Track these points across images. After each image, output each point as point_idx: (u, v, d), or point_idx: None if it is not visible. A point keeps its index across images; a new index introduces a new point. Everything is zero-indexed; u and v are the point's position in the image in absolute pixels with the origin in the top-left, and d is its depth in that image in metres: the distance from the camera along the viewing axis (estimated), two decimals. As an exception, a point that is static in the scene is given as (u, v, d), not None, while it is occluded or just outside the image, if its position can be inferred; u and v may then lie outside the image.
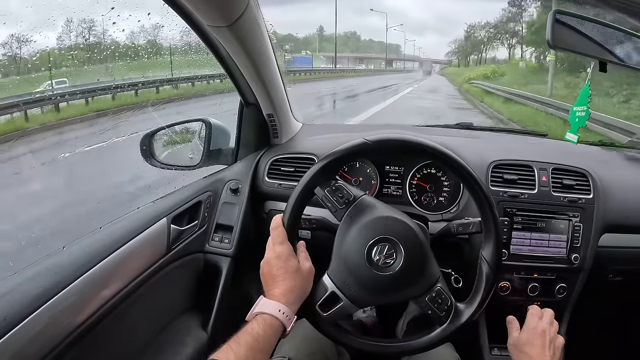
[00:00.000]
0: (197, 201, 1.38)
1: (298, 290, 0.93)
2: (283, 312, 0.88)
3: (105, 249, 1.05)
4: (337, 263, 0.98)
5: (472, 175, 0.99)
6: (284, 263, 0.93)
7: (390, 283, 0.95)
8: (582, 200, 1.34)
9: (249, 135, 1.56)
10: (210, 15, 1.03)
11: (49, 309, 0.87)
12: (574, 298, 1.40)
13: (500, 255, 1.00)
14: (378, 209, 1.00)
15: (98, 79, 6.91)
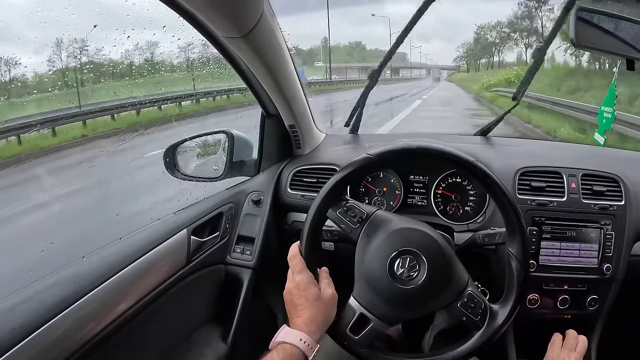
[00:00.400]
0: (218, 212, 1.38)
1: (320, 319, 0.92)
2: (305, 341, 0.87)
3: (125, 259, 1.06)
4: (361, 283, 0.97)
5: (487, 172, 0.97)
6: (304, 292, 0.93)
7: (418, 295, 0.93)
8: (614, 207, 1.28)
9: (271, 147, 1.56)
10: (224, 27, 1.04)
11: (65, 318, 0.88)
12: (605, 310, 1.33)
13: (527, 249, 0.97)
14: (394, 222, 0.99)
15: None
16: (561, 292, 1.31)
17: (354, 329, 0.95)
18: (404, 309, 0.95)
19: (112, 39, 3.56)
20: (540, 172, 1.35)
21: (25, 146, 4.84)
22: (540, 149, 1.63)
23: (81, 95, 6.25)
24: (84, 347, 0.90)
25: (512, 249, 0.98)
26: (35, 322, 0.83)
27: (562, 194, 1.31)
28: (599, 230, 1.28)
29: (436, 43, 58.49)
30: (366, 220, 0.99)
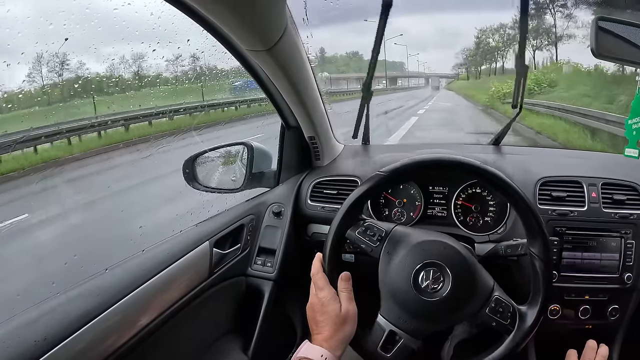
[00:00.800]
0: (239, 225, 1.39)
1: (341, 335, 0.94)
2: (326, 357, 0.89)
3: (147, 272, 1.06)
4: (387, 300, 0.98)
5: (504, 179, 0.98)
6: (326, 308, 0.95)
7: (444, 307, 0.94)
8: (634, 216, 1.28)
9: (291, 158, 1.57)
10: (249, 40, 1.05)
11: (89, 331, 0.88)
12: (627, 320, 1.32)
13: (549, 248, 0.97)
14: (413, 236, 1.00)
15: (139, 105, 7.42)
16: (582, 303, 1.30)
17: (385, 347, 0.95)
18: (431, 322, 0.96)
19: (137, 52, 3.61)
20: (561, 181, 1.34)
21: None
22: (558, 158, 1.63)
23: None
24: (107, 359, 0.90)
25: (534, 249, 0.98)
26: (59, 334, 0.84)
27: (582, 203, 1.30)
28: (620, 240, 1.27)
29: (434, 52, 57.84)
30: (385, 237, 1.00)
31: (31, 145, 4.74)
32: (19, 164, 4.55)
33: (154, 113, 7.05)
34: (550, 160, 1.55)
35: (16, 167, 4.47)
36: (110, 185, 5.13)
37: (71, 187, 5.40)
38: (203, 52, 1.45)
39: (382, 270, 0.98)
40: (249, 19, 0.95)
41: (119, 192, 5.12)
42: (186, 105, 7.76)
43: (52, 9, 1.36)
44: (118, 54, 7.90)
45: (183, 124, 7.39)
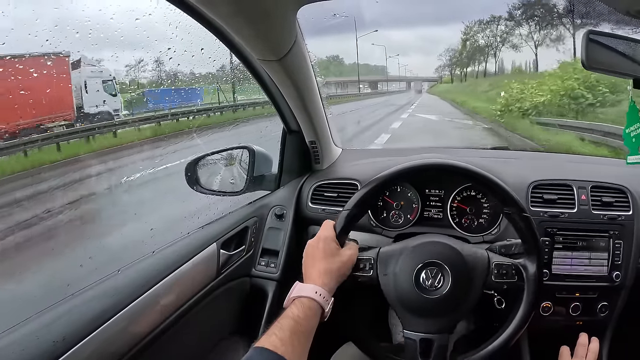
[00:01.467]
0: (244, 227, 1.42)
1: (335, 273, 0.96)
2: (320, 293, 0.91)
3: (159, 272, 1.09)
4: (403, 314, 1.02)
5: (488, 178, 1.05)
6: (323, 244, 0.99)
7: (451, 297, 0.99)
8: (622, 217, 1.33)
9: (292, 162, 1.60)
10: (262, 50, 1.09)
11: (105, 331, 0.91)
12: (616, 316, 1.38)
13: (522, 207, 1.03)
14: (399, 247, 1.07)
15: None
16: (573, 300, 1.35)
17: (424, 354, 0.99)
18: (452, 312, 1.01)
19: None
20: (552, 185, 1.39)
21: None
22: (549, 161, 1.69)
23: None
24: (122, 358, 0.93)
25: (510, 208, 1.05)
26: (77, 334, 0.86)
27: (572, 205, 1.35)
28: (608, 240, 1.32)
29: (415, 56, 57.29)
30: (375, 263, 1.05)
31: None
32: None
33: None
34: (542, 164, 1.61)
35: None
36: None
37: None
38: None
39: (387, 291, 1.03)
40: (263, 31, 1.00)
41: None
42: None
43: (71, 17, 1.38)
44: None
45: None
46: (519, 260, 1.04)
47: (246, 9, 0.89)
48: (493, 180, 1.04)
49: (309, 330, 0.87)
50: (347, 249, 1.02)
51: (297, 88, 1.28)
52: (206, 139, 7.03)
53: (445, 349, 1.00)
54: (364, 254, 1.07)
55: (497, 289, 1.03)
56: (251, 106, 11.00)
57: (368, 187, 1.06)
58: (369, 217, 1.45)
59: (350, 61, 46.06)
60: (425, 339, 0.99)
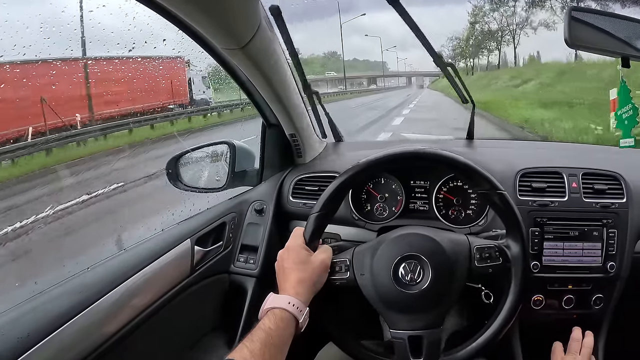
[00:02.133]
0: (221, 222, 1.39)
1: (308, 282, 0.94)
2: (293, 304, 0.89)
3: (129, 269, 1.07)
4: (387, 313, 0.98)
5: (466, 163, 1.01)
6: (293, 254, 0.97)
7: (432, 289, 0.95)
8: (616, 205, 1.29)
9: (273, 156, 1.58)
10: (222, 39, 1.06)
11: (72, 327, 0.89)
12: (611, 309, 1.34)
13: (494, 183, 1.00)
14: (373, 245, 1.03)
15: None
16: (566, 292, 1.31)
17: (415, 353, 0.96)
18: (437, 306, 0.97)
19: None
20: (541, 172, 1.35)
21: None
22: (537, 149, 1.64)
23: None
24: (90, 355, 0.91)
25: (482, 189, 1.02)
26: (42, 331, 0.84)
27: (563, 193, 1.31)
28: (602, 229, 1.28)
29: (415, 52, 56.59)
30: (350, 265, 1.02)
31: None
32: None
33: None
34: (530, 152, 1.57)
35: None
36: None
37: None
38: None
39: (367, 291, 0.99)
40: (220, 18, 0.96)
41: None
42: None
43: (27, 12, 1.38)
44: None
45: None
46: (501, 241, 1.01)
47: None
48: (462, 162, 1.01)
49: (282, 342, 0.85)
50: (319, 254, 0.99)
51: (267, 78, 1.25)
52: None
53: (438, 344, 0.96)
54: (338, 256, 1.03)
55: (483, 274, 0.99)
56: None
57: (334, 184, 1.03)
58: (351, 210, 1.42)
59: (348, 57, 45.23)
60: (413, 336, 0.95)
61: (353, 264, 1.01)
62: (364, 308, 1.01)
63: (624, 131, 1.27)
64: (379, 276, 0.98)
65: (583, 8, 1.11)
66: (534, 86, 18.41)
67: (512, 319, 0.97)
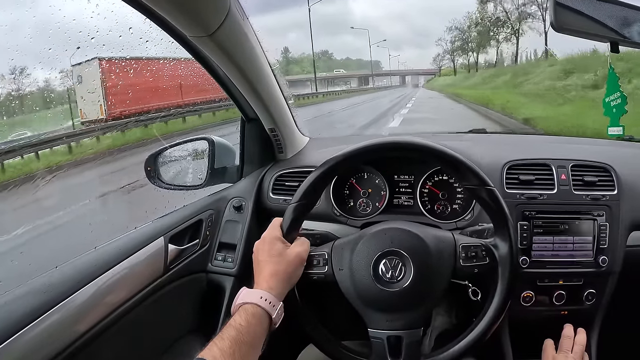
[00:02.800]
0: (197, 220, 1.36)
1: (282, 275, 0.91)
2: (265, 299, 0.86)
3: (98, 268, 1.04)
4: (366, 311, 0.96)
5: (446, 152, 0.98)
6: (268, 247, 0.94)
7: (417, 289, 0.93)
8: (607, 197, 1.25)
9: (253, 152, 1.54)
10: (190, 26, 1.03)
11: (36, 328, 0.86)
12: (604, 304, 1.30)
13: (483, 178, 0.97)
14: (354, 239, 1.00)
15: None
16: (556, 288, 1.28)
17: (394, 354, 0.93)
18: (419, 305, 0.95)
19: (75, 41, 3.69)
20: (529, 164, 1.32)
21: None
22: (526, 142, 1.62)
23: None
24: (56, 358, 0.88)
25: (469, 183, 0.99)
26: (4, 332, 0.82)
27: (552, 186, 1.28)
28: (593, 222, 1.25)
29: (409, 51, 56.37)
30: (329, 258, 0.99)
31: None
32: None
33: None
34: (518, 145, 1.56)
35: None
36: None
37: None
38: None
39: (345, 287, 0.97)
40: (187, 4, 0.93)
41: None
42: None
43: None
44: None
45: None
46: (489, 239, 0.98)
47: None
48: (450, 154, 0.97)
49: (253, 339, 0.82)
50: (296, 246, 0.96)
51: (240, 68, 1.21)
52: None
53: (418, 345, 0.93)
54: (317, 250, 1.01)
55: (468, 274, 0.96)
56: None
57: (314, 174, 1.00)
58: (332, 206, 1.39)
59: (341, 56, 44.56)
60: (392, 336, 0.92)
61: (332, 258, 0.99)
62: (348, 306, 0.98)
63: (611, 119, 1.23)
64: (358, 272, 0.95)
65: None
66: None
67: (499, 320, 0.94)
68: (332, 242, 1.02)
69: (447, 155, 0.97)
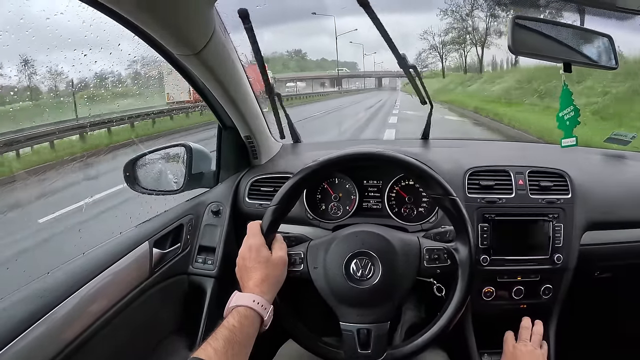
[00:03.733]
0: (179, 224, 1.40)
1: (271, 279, 0.96)
2: (257, 302, 0.90)
3: (88, 273, 1.07)
4: (338, 306, 1.02)
5: (421, 167, 1.05)
6: (255, 254, 0.97)
7: (385, 284, 0.99)
8: (561, 201, 1.35)
9: (229, 158, 1.59)
10: (177, 45, 1.07)
11: (33, 332, 0.89)
12: (560, 298, 1.40)
13: (446, 187, 1.04)
14: (328, 239, 1.07)
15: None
16: (515, 283, 1.36)
17: (363, 345, 0.99)
18: (386, 301, 1.01)
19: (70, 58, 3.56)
20: (489, 171, 1.41)
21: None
22: (487, 149, 1.70)
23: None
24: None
25: (436, 192, 1.06)
26: (5, 336, 0.85)
27: (510, 191, 1.37)
28: (548, 223, 1.33)
29: (385, 54, 53.69)
30: (305, 257, 1.05)
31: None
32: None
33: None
34: (479, 152, 1.64)
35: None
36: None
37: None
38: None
39: (319, 284, 1.03)
40: (173, 25, 0.98)
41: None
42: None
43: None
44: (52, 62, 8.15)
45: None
46: (450, 244, 1.05)
47: (151, 2, 0.88)
48: (418, 166, 1.05)
49: (246, 340, 0.86)
50: (278, 251, 1.01)
51: (221, 82, 1.26)
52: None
53: (385, 338, 1.00)
54: (294, 249, 1.07)
55: (432, 274, 1.04)
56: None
57: (293, 180, 1.06)
58: (305, 209, 1.45)
59: (316, 57, 41.56)
60: (362, 329, 0.99)
61: (307, 257, 1.05)
62: (322, 304, 1.04)
63: (565, 132, 1.32)
64: (331, 270, 1.02)
65: (526, 17, 1.15)
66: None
67: (459, 313, 1.02)
68: (308, 242, 1.08)
69: (417, 168, 1.05)
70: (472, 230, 1.03)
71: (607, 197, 1.41)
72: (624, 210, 1.41)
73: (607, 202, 1.41)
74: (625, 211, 1.41)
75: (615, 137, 1.66)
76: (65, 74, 7.90)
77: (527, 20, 1.14)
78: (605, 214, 1.39)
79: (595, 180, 1.44)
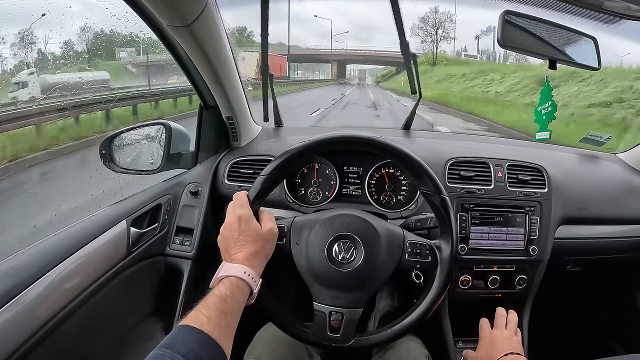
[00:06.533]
0: (157, 204, 1.37)
1: (261, 254, 0.94)
2: (248, 274, 0.88)
3: (64, 250, 1.04)
4: (314, 285, 1.02)
5: (398, 148, 1.05)
6: (245, 226, 0.94)
7: (365, 271, 1.00)
8: (538, 195, 1.39)
9: (209, 139, 1.56)
10: (169, 15, 1.04)
11: (5, 313, 0.86)
12: (534, 289, 1.44)
13: (438, 185, 1.04)
14: (313, 217, 1.07)
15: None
16: (491, 273, 1.39)
17: (333, 329, 0.99)
18: (362, 287, 1.01)
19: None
20: (469, 162, 1.43)
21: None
22: (468, 142, 1.72)
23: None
24: (26, 342, 0.89)
25: (425, 187, 1.06)
26: None
27: (489, 182, 1.40)
28: (525, 216, 1.37)
29: (350, 43, 52.66)
30: (288, 232, 1.05)
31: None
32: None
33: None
34: (461, 144, 1.65)
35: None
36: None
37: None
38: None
39: (299, 261, 1.03)
40: None
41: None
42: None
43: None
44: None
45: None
46: (434, 241, 1.06)
47: None
48: (415, 159, 1.05)
49: (236, 310, 0.84)
50: (267, 223, 0.98)
51: (208, 58, 1.24)
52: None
53: (355, 323, 1.00)
54: (277, 222, 1.04)
55: (411, 268, 1.04)
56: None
57: (288, 153, 1.04)
58: (286, 193, 1.45)
59: (273, 40, 39.20)
60: (334, 312, 0.99)
61: (291, 233, 1.05)
62: (299, 286, 1.04)
63: (540, 125, 1.35)
64: (312, 248, 1.02)
65: (516, 12, 1.16)
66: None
67: (430, 311, 1.02)
68: (292, 218, 1.08)
69: (414, 161, 1.05)
70: (457, 230, 1.05)
71: (582, 193, 1.47)
72: (598, 207, 1.47)
73: (581, 198, 1.46)
74: (598, 208, 1.47)
75: (590, 137, 1.71)
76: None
77: (517, 17, 1.16)
78: (580, 210, 1.45)
79: (571, 177, 1.49)
